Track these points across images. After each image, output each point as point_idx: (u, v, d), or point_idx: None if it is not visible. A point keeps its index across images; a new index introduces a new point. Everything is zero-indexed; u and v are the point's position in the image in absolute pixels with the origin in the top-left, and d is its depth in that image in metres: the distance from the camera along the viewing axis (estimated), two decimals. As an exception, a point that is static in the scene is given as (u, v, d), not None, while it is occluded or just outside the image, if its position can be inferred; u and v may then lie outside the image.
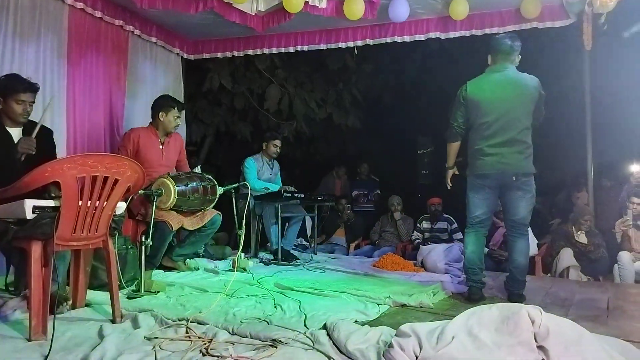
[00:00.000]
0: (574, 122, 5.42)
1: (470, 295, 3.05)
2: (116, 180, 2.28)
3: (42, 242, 2.12)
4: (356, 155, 8.33)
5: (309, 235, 5.64)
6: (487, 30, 4.58)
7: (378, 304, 2.79)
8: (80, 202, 2.19)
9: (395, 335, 1.88)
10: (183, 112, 5.48)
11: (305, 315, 2.48)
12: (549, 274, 4.50)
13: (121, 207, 2.46)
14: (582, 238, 4.66)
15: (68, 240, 2.20)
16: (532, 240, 4.69)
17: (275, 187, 4.60)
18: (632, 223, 4.46)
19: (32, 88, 2.73)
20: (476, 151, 3.11)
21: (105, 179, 2.23)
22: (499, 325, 1.76)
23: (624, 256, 4.26)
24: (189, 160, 6.41)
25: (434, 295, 3.07)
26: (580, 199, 5.58)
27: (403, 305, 2.85)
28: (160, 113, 3.75)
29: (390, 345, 1.79)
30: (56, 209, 2.16)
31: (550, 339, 1.69)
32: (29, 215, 2.10)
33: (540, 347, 1.69)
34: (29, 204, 2.11)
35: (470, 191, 3.16)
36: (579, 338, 1.73)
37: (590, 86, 4.81)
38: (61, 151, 3.97)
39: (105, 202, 2.29)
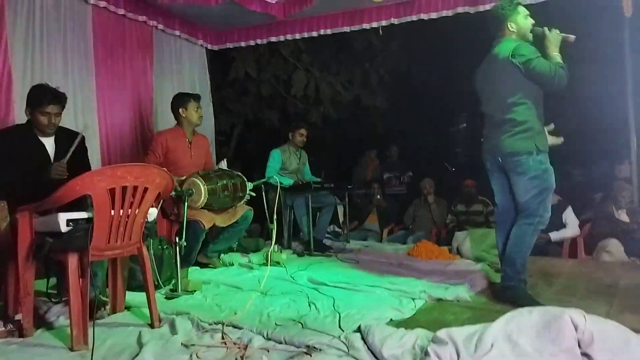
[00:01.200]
0: (614, 91, 5.14)
1: (515, 298, 2.68)
2: (146, 189, 2.30)
3: (78, 254, 2.16)
4: (386, 135, 8.19)
5: (341, 221, 5.61)
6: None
7: (413, 299, 2.75)
8: (112, 212, 2.22)
9: (432, 341, 1.84)
10: (209, 104, 5.64)
11: (339, 314, 2.46)
12: (592, 255, 4.33)
13: (153, 213, 2.49)
14: (623, 216, 4.44)
15: (103, 250, 2.25)
16: (574, 221, 4.52)
17: (289, 182, 4.56)
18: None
19: (58, 100, 2.74)
20: (483, 137, 3.00)
21: (135, 188, 2.26)
22: (541, 330, 1.70)
23: (672, 235, 4.06)
24: (220, 150, 6.49)
25: (470, 287, 3.00)
26: (622, 172, 5.33)
27: (439, 300, 2.79)
28: (180, 110, 3.74)
29: (427, 354, 1.75)
30: (89, 220, 2.20)
31: (595, 345, 1.62)
32: (64, 228, 2.15)
33: (584, 355, 1.62)
34: (63, 217, 2.15)
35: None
36: (626, 343, 1.65)
37: (631, 54, 4.53)
38: (94, 151, 4.06)
39: (137, 210, 2.32)
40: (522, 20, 2.85)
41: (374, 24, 4.91)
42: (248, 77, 6.67)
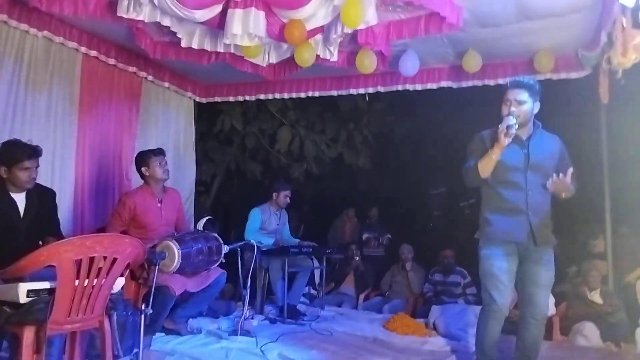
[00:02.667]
0: (592, 169, 5.27)
1: None
2: (115, 259, 2.21)
3: (35, 327, 2.03)
4: (366, 193, 8.22)
5: (317, 283, 5.49)
6: (500, 81, 4.53)
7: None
8: (76, 283, 2.11)
9: None
10: (192, 154, 5.56)
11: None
12: (568, 336, 4.26)
13: (119, 284, 2.38)
14: (596, 298, 4.38)
15: (62, 324, 2.11)
16: (549, 299, 4.46)
17: (269, 242, 4.49)
18: (655, 284, 4.23)
19: (36, 154, 2.71)
20: None
21: (103, 259, 2.16)
22: None
23: (647, 321, 4.02)
24: (198, 199, 6.38)
25: (445, 372, 2.92)
26: (597, 247, 5.34)
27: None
28: (143, 169, 3.56)
29: None
30: (51, 291, 2.08)
31: None
32: (23, 299, 2.03)
33: None
34: (23, 287, 2.03)
35: None
36: None
37: (607, 136, 4.70)
38: (67, 203, 3.93)
39: (103, 281, 2.21)
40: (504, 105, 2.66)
41: (361, 90, 5.04)
42: (233, 129, 6.70)
